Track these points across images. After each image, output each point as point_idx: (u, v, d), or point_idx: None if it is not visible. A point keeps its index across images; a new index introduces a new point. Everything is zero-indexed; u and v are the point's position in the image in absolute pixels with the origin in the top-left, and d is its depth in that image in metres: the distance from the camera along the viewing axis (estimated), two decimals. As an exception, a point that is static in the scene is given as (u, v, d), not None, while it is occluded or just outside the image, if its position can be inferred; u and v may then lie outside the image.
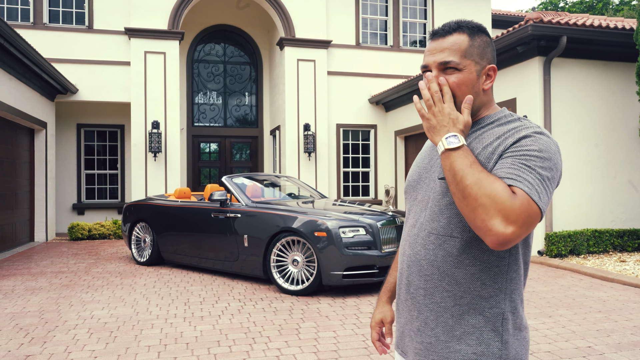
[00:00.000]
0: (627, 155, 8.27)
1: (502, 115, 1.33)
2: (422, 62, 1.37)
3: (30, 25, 10.98)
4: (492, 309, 1.26)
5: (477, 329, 1.25)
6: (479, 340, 1.25)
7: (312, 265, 5.65)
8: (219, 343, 4.04)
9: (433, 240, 1.30)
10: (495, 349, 1.24)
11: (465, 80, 1.29)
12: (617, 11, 23.98)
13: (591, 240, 7.70)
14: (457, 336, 1.26)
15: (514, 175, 1.15)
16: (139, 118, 11.11)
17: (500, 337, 1.25)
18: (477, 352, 1.24)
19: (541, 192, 1.14)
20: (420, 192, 1.39)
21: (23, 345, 3.99)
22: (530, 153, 1.18)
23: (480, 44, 1.33)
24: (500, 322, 1.25)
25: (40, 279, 6.60)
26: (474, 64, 1.31)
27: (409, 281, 1.36)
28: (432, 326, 1.30)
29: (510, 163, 1.18)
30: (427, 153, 1.44)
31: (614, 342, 3.99)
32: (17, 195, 9.69)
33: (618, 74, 8.27)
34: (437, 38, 1.33)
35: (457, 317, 1.27)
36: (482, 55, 1.33)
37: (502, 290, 1.26)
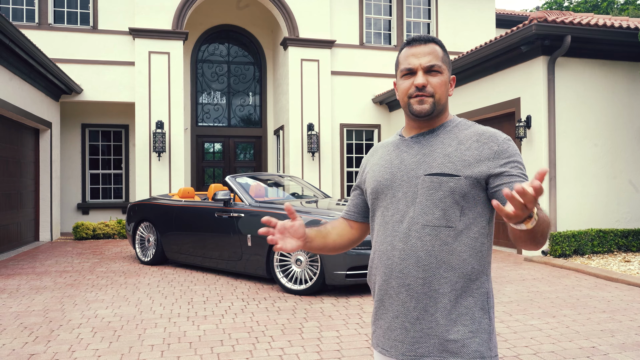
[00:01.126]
0: (632, 155, 8.24)
1: (460, 120, 1.54)
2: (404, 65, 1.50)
3: (36, 25, 11.03)
4: (479, 289, 1.42)
5: (469, 310, 1.40)
6: (473, 320, 1.40)
7: (316, 265, 5.65)
8: (222, 342, 4.05)
9: (429, 232, 1.42)
10: (485, 325, 1.41)
11: (444, 82, 1.49)
12: (622, 10, 23.87)
13: (595, 240, 7.67)
14: (454, 319, 1.39)
15: None
16: (143, 118, 11.14)
17: (487, 314, 1.43)
18: (472, 330, 1.39)
19: None
20: (400, 189, 1.48)
21: (27, 344, 4.01)
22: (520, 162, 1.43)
23: (447, 56, 1.54)
24: (486, 301, 1.43)
25: (45, 278, 6.63)
26: (447, 70, 1.52)
27: (403, 274, 1.44)
28: (432, 312, 1.40)
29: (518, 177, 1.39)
30: (393, 155, 1.55)
31: (618, 342, 3.97)
32: (22, 195, 9.73)
33: (623, 74, 8.23)
34: (417, 44, 1.50)
35: (453, 301, 1.40)
36: (449, 66, 1.54)
37: (485, 272, 1.44)
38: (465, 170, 1.41)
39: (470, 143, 1.45)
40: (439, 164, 1.43)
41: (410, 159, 1.50)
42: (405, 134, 1.60)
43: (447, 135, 1.49)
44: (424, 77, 1.47)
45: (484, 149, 1.43)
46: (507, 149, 1.43)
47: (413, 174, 1.46)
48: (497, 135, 1.45)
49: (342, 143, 12.53)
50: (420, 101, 1.48)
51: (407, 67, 1.49)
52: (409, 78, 1.50)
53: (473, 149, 1.44)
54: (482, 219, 1.44)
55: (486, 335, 1.41)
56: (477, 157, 1.42)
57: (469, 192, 1.41)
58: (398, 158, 1.53)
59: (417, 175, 1.45)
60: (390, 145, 1.62)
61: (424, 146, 1.50)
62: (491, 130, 1.48)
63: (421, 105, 1.48)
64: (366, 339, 4.13)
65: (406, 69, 1.50)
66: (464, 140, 1.46)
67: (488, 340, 1.41)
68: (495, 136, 1.45)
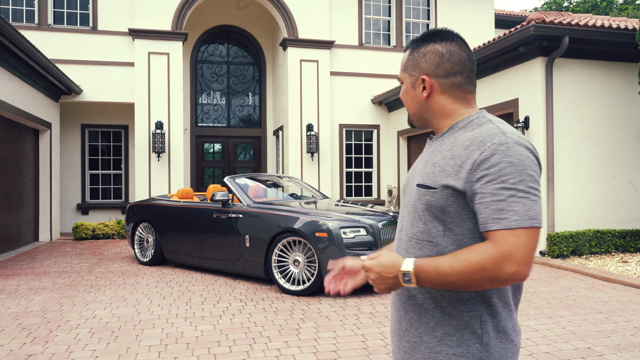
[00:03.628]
0: (630, 156, 8.25)
1: (474, 118, 1.34)
2: None
3: (35, 26, 11.05)
4: (470, 312, 1.28)
5: (457, 331, 1.28)
6: (459, 342, 1.27)
7: (313, 266, 5.67)
8: (219, 343, 4.07)
9: (414, 245, 1.35)
10: (475, 350, 1.26)
11: (404, 91, 1.43)
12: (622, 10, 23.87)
13: (593, 241, 7.69)
14: (438, 337, 1.30)
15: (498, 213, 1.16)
16: (142, 118, 11.16)
17: (479, 339, 1.27)
18: (457, 353, 1.27)
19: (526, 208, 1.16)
20: (406, 196, 1.43)
21: (25, 344, 4.03)
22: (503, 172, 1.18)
23: (417, 55, 1.40)
24: (478, 325, 1.27)
25: (44, 279, 6.66)
26: (409, 76, 1.42)
27: None
28: (417, 326, 1.34)
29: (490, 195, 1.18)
30: (420, 157, 1.47)
31: (613, 343, 3.99)
32: (22, 196, 9.76)
33: (620, 75, 8.25)
34: None
35: (438, 319, 1.30)
36: (415, 66, 1.40)
37: (478, 294, 1.27)
38: (442, 181, 1.27)
39: (457, 149, 1.27)
40: (424, 173, 1.33)
41: (420, 163, 1.42)
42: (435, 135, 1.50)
43: (448, 139, 1.34)
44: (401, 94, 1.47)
45: (468, 157, 1.23)
46: (489, 157, 1.19)
47: (413, 181, 1.40)
48: (486, 140, 1.22)
49: (342, 143, 12.55)
50: None
51: None
52: None
53: (458, 157, 1.26)
54: (475, 237, 1.26)
55: None
56: (458, 167, 1.25)
57: (449, 207, 1.26)
58: (417, 161, 1.47)
59: (414, 183, 1.38)
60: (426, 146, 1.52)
61: (432, 151, 1.38)
62: (487, 133, 1.25)
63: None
64: (363, 339, 4.14)
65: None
66: (455, 146, 1.29)
67: None
68: (484, 141, 1.22)
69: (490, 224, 1.17)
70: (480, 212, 1.20)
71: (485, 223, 1.19)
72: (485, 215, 1.19)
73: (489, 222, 1.18)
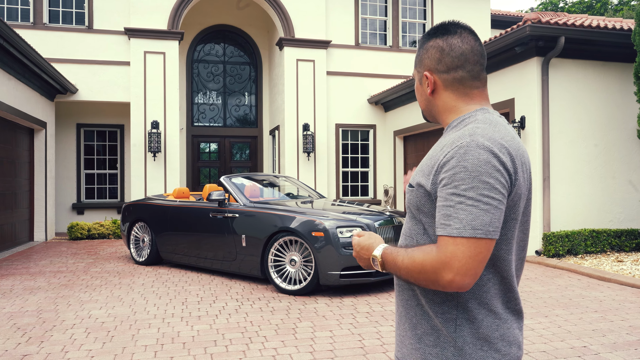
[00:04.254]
0: (625, 155, 8.28)
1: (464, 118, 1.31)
2: None
3: (30, 25, 11.00)
4: (444, 315, 1.26)
5: (434, 331, 1.28)
6: (436, 342, 1.27)
7: (310, 265, 5.66)
8: (215, 343, 4.06)
9: (403, 241, 1.39)
10: (449, 353, 1.25)
11: (415, 89, 1.43)
12: (617, 11, 23.97)
13: (589, 240, 7.71)
14: (419, 335, 1.31)
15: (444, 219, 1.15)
16: (138, 118, 11.13)
17: (454, 343, 1.25)
18: (432, 353, 1.27)
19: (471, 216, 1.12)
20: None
21: (20, 344, 4.01)
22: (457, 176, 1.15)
23: (422, 52, 1.38)
24: (453, 329, 1.25)
25: (39, 279, 6.62)
26: (417, 73, 1.41)
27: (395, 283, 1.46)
28: (403, 321, 1.37)
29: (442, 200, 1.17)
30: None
31: (609, 342, 4.00)
32: (17, 195, 9.71)
33: (616, 75, 8.28)
34: None
35: (420, 317, 1.31)
36: (421, 62, 1.38)
37: (453, 298, 1.25)
38: (417, 180, 1.28)
39: (436, 150, 1.28)
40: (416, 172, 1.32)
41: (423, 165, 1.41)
42: None
43: (443, 138, 1.33)
44: None
45: (439, 157, 1.23)
46: (449, 160, 1.18)
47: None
48: (454, 142, 1.20)
49: (338, 143, 12.55)
50: None
51: None
52: None
53: (433, 157, 1.26)
54: None
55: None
56: (431, 166, 1.25)
57: (423, 206, 1.27)
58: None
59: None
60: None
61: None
62: (459, 134, 1.23)
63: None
64: (359, 339, 4.14)
65: None
66: (438, 146, 1.28)
67: None
68: (452, 142, 1.21)
69: (439, 229, 1.17)
70: (436, 217, 1.19)
71: (437, 227, 1.18)
72: (437, 219, 1.18)
73: (439, 226, 1.17)
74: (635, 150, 8.32)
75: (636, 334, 4.20)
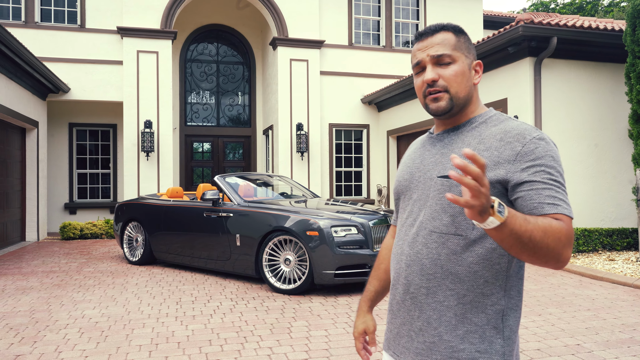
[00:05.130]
0: (617, 155, 8.35)
1: (493, 114, 1.36)
2: (413, 61, 1.39)
3: (22, 24, 10.92)
4: (494, 306, 1.27)
5: (479, 327, 1.26)
6: (482, 338, 1.26)
7: (304, 265, 5.66)
8: (210, 342, 4.05)
9: (435, 239, 1.30)
10: (498, 345, 1.26)
11: (460, 71, 1.33)
12: (607, 12, 24.17)
13: (581, 239, 7.77)
14: (460, 335, 1.27)
15: (552, 200, 1.18)
16: (131, 117, 11.08)
17: (502, 334, 1.27)
18: (480, 349, 1.26)
19: (568, 201, 1.21)
20: (416, 191, 1.38)
21: (13, 345, 3.98)
22: (548, 164, 1.22)
23: (465, 40, 1.38)
24: (500, 319, 1.27)
25: (31, 279, 6.58)
26: (465, 57, 1.35)
27: (408, 281, 1.35)
28: (435, 325, 1.29)
29: (541, 183, 1.20)
30: (417, 153, 1.45)
31: (602, 340, 4.03)
32: (9, 195, 9.63)
33: (608, 75, 8.34)
34: (425, 37, 1.37)
35: (460, 316, 1.27)
36: (469, 51, 1.38)
37: (503, 287, 1.27)
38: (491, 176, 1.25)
39: (491, 142, 1.28)
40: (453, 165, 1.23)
41: (430, 158, 1.38)
42: (434, 131, 1.47)
43: (471, 132, 1.34)
44: (433, 71, 1.34)
45: (505, 150, 1.25)
46: (533, 149, 1.23)
47: (428, 175, 1.35)
48: (525, 134, 1.26)
49: (331, 143, 12.56)
50: (434, 99, 1.35)
51: (416, 61, 1.38)
52: (421, 75, 1.38)
53: (493, 149, 1.27)
54: None
55: (497, 357, 1.26)
56: (495, 159, 1.25)
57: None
58: (420, 157, 1.43)
59: (432, 176, 1.34)
60: (419, 142, 1.50)
61: (445, 145, 1.37)
62: (521, 127, 1.27)
63: (436, 103, 1.35)
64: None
65: (416, 65, 1.38)
66: (486, 139, 1.29)
67: None
68: (522, 134, 1.26)
69: (552, 207, 1.18)
70: (532, 197, 1.19)
71: (540, 207, 1.18)
72: (540, 199, 1.19)
73: (548, 205, 1.18)
74: (626, 150, 8.39)
75: (629, 332, 4.24)
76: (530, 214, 1.18)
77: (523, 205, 1.20)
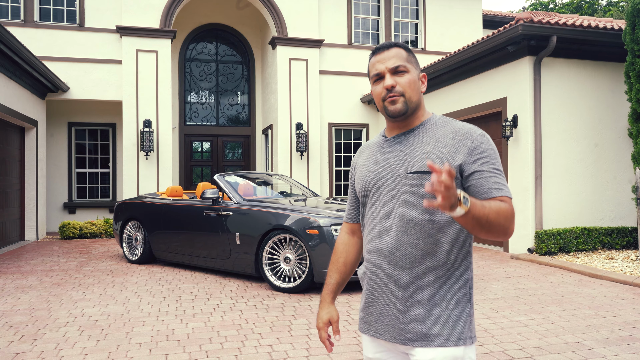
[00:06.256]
0: (616, 154, 8.36)
1: (438, 117, 1.62)
2: (373, 72, 1.61)
3: (21, 23, 10.91)
4: (462, 276, 1.53)
5: (453, 295, 1.51)
6: (457, 304, 1.51)
7: (304, 263, 5.66)
8: (210, 340, 4.04)
9: (413, 226, 1.51)
10: (467, 309, 1.53)
11: (412, 80, 1.57)
12: (605, 12, 24.20)
13: (580, 238, 7.77)
14: (439, 304, 1.50)
15: (497, 185, 1.47)
16: (130, 117, 11.07)
17: (469, 299, 1.55)
18: (457, 313, 1.51)
19: (507, 185, 1.51)
20: (385, 187, 1.58)
21: (13, 343, 3.97)
22: (492, 156, 1.51)
23: (413, 56, 1.64)
24: (467, 287, 1.54)
25: (31, 277, 6.57)
26: (414, 68, 1.61)
27: (392, 265, 1.54)
28: (419, 299, 1.51)
29: (488, 172, 1.48)
30: (377, 155, 1.65)
31: (602, 337, 4.04)
32: (8, 194, 9.62)
33: (607, 74, 8.35)
34: (381, 51, 1.61)
35: (437, 288, 1.51)
36: (416, 64, 1.63)
37: (467, 260, 1.55)
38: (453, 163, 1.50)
39: (447, 140, 1.53)
40: (419, 162, 1.52)
41: (393, 158, 1.59)
42: (387, 134, 1.68)
43: (426, 133, 1.57)
44: (391, 79, 1.56)
45: (459, 146, 1.51)
46: (480, 144, 1.51)
47: (397, 172, 1.56)
48: (471, 132, 1.53)
49: (331, 142, 12.56)
50: (392, 102, 1.56)
51: (376, 72, 1.59)
52: (380, 83, 1.60)
53: (449, 146, 1.52)
54: None
55: (468, 318, 1.52)
56: (453, 152, 1.51)
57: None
58: (382, 158, 1.63)
59: (400, 173, 1.55)
60: (375, 146, 1.71)
61: (405, 146, 1.59)
62: (466, 127, 1.55)
63: (394, 106, 1.56)
64: (355, 335, 4.15)
65: (375, 75, 1.60)
66: (442, 138, 1.54)
67: (469, 322, 1.53)
68: (469, 132, 1.53)
69: (496, 191, 1.46)
70: (482, 184, 1.47)
71: (492, 190, 1.46)
72: (488, 185, 1.47)
73: (495, 189, 1.46)
74: (626, 149, 8.40)
75: (628, 329, 4.24)
76: (481, 197, 1.46)
77: (475, 190, 1.47)
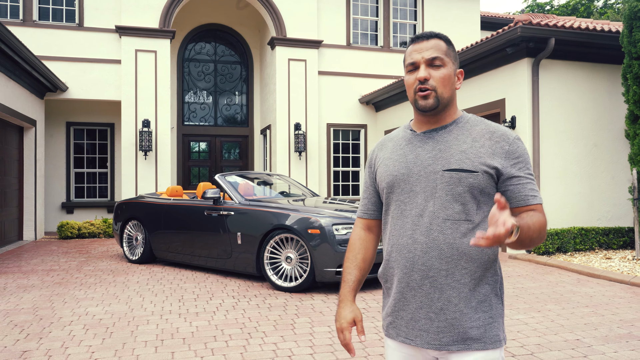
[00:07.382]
0: (613, 155, 8.44)
1: (471, 116, 1.60)
2: (408, 60, 1.56)
3: (20, 22, 10.90)
4: (493, 277, 1.52)
5: (487, 297, 1.50)
6: (490, 305, 1.50)
7: (306, 262, 5.70)
8: (215, 338, 4.08)
9: (449, 225, 1.48)
10: (500, 310, 1.52)
11: (447, 75, 1.53)
12: (602, 14, 24.35)
13: (578, 238, 7.85)
14: (474, 306, 1.48)
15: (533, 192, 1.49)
16: (129, 116, 11.08)
17: (500, 299, 1.54)
18: (492, 315, 1.49)
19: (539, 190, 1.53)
20: (418, 184, 1.53)
21: (19, 341, 4.00)
22: (527, 161, 1.52)
23: (453, 50, 1.59)
24: (498, 286, 1.54)
25: (32, 277, 6.58)
26: (452, 63, 1.55)
27: (426, 266, 1.49)
28: (455, 302, 1.47)
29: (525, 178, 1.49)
30: (407, 149, 1.59)
31: (601, 335, 4.10)
32: (6, 194, 9.61)
33: (605, 76, 8.43)
34: (420, 41, 1.56)
35: (472, 290, 1.48)
36: (455, 59, 1.58)
37: (497, 259, 1.54)
38: (482, 167, 1.48)
39: (483, 141, 1.51)
40: (457, 160, 1.48)
41: (425, 154, 1.54)
42: (416, 129, 1.62)
43: (461, 131, 1.54)
44: (426, 70, 1.51)
45: (496, 147, 1.50)
46: (517, 149, 1.51)
47: (431, 169, 1.51)
48: (507, 134, 1.53)
49: (329, 143, 12.60)
50: (424, 97, 1.51)
51: (411, 61, 1.54)
52: (413, 73, 1.54)
53: (487, 146, 1.50)
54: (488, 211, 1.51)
55: (501, 319, 1.52)
56: (490, 152, 1.49)
57: (485, 187, 1.48)
58: (412, 153, 1.56)
59: (435, 170, 1.50)
60: (401, 140, 1.63)
61: (439, 142, 1.54)
62: (501, 129, 1.54)
63: (425, 101, 1.52)
64: (354, 334, 4.18)
65: (410, 64, 1.55)
66: (478, 137, 1.52)
67: (502, 323, 1.52)
68: (506, 135, 1.52)
69: (532, 198, 1.48)
70: (519, 191, 1.49)
71: (526, 199, 1.48)
72: (524, 192, 1.49)
73: (531, 197, 1.48)
74: (622, 150, 8.48)
75: (627, 327, 4.31)
76: (518, 204, 1.48)
77: (512, 196, 1.48)
